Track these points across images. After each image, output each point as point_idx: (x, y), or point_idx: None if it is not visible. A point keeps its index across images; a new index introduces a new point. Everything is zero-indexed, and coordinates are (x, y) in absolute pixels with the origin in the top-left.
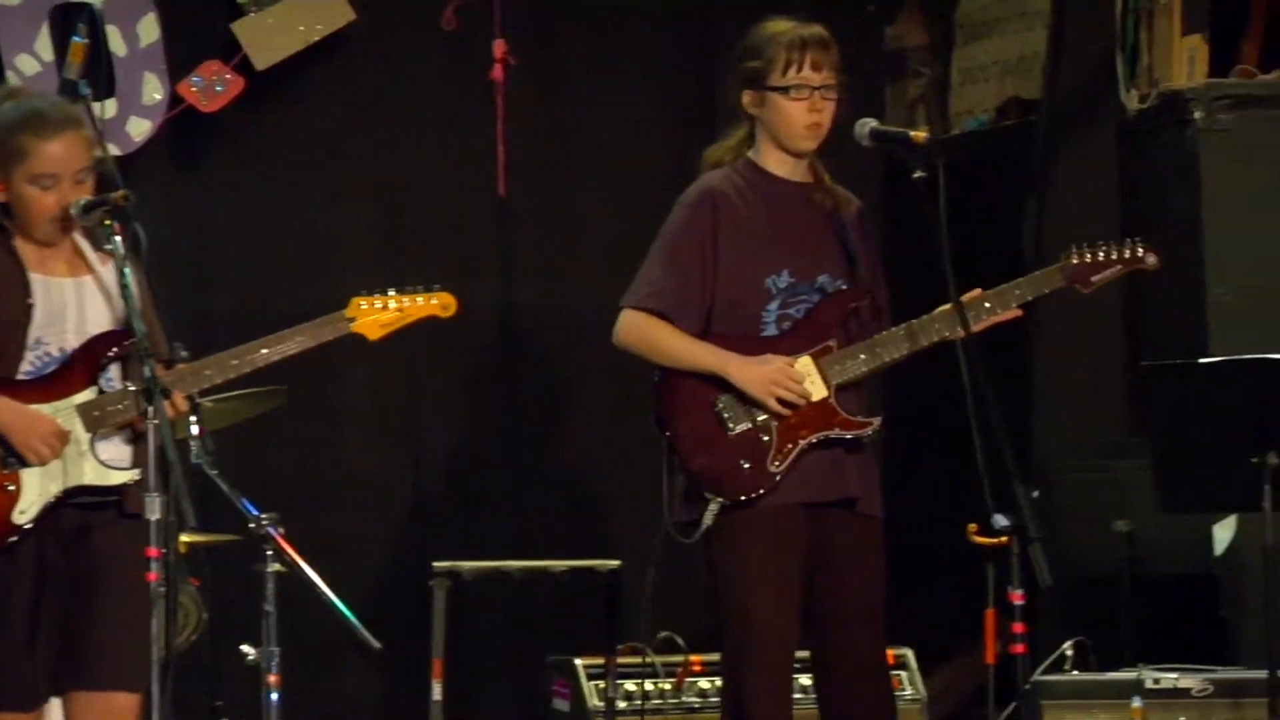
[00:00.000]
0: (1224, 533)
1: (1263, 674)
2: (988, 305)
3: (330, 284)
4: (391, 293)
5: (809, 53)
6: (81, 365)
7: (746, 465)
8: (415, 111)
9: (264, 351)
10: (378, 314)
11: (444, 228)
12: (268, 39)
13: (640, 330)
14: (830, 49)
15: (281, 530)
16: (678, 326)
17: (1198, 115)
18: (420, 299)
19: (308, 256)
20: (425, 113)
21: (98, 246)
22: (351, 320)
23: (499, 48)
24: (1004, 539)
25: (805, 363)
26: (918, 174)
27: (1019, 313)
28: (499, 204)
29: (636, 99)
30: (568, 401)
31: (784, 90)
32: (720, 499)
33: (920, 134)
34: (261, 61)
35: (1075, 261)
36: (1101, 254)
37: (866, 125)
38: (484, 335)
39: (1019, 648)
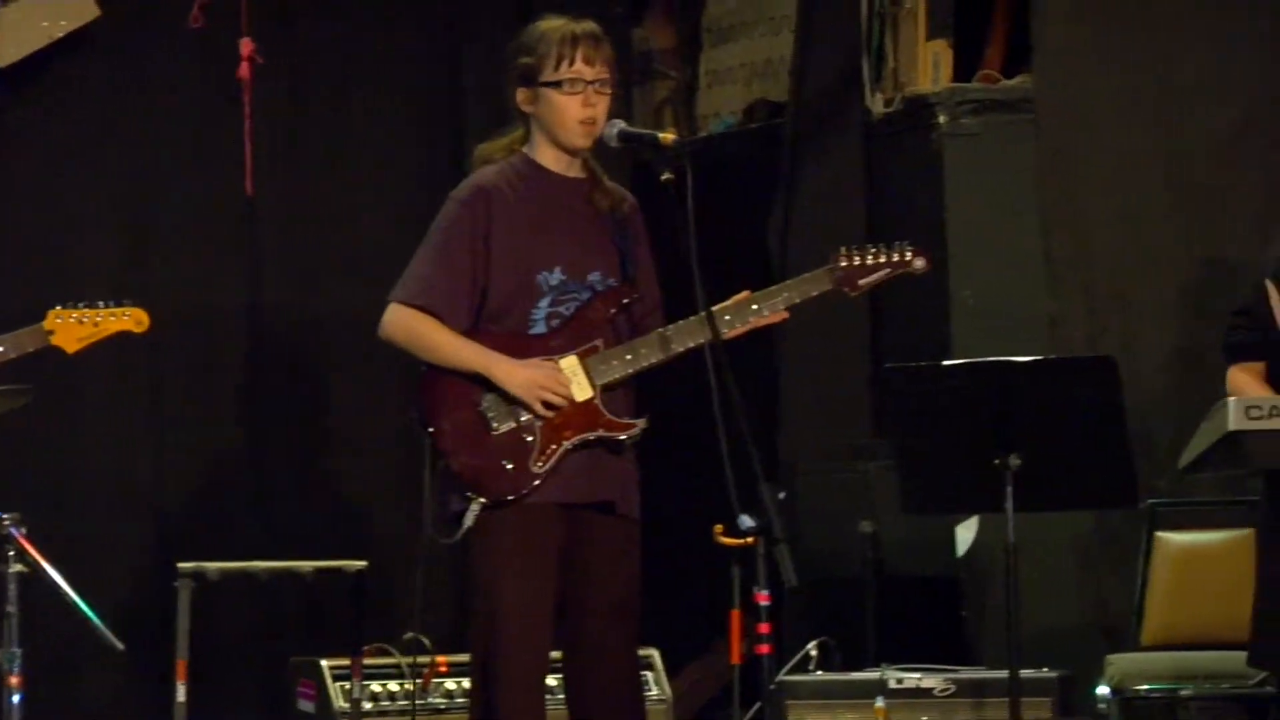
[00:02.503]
0: (966, 533)
1: (1004, 674)
2: (755, 307)
3: (75, 283)
4: (82, 306)
5: (581, 47)
6: None
7: (509, 465)
8: (161, 110)
9: None
10: (74, 327)
11: (191, 227)
12: (10, 35)
13: (407, 326)
14: (603, 44)
15: (23, 530)
16: (446, 323)
17: (942, 119)
18: (114, 314)
19: (52, 255)
20: (172, 111)
21: None
22: (50, 333)
23: (246, 46)
24: (750, 540)
25: (571, 362)
26: (665, 176)
27: (785, 315)
28: (247, 203)
29: (384, 97)
30: (316, 401)
31: (557, 85)
32: (481, 499)
33: (668, 136)
34: (4, 58)
35: (844, 264)
36: (870, 257)
37: (614, 127)
38: (231, 334)
39: (764, 648)
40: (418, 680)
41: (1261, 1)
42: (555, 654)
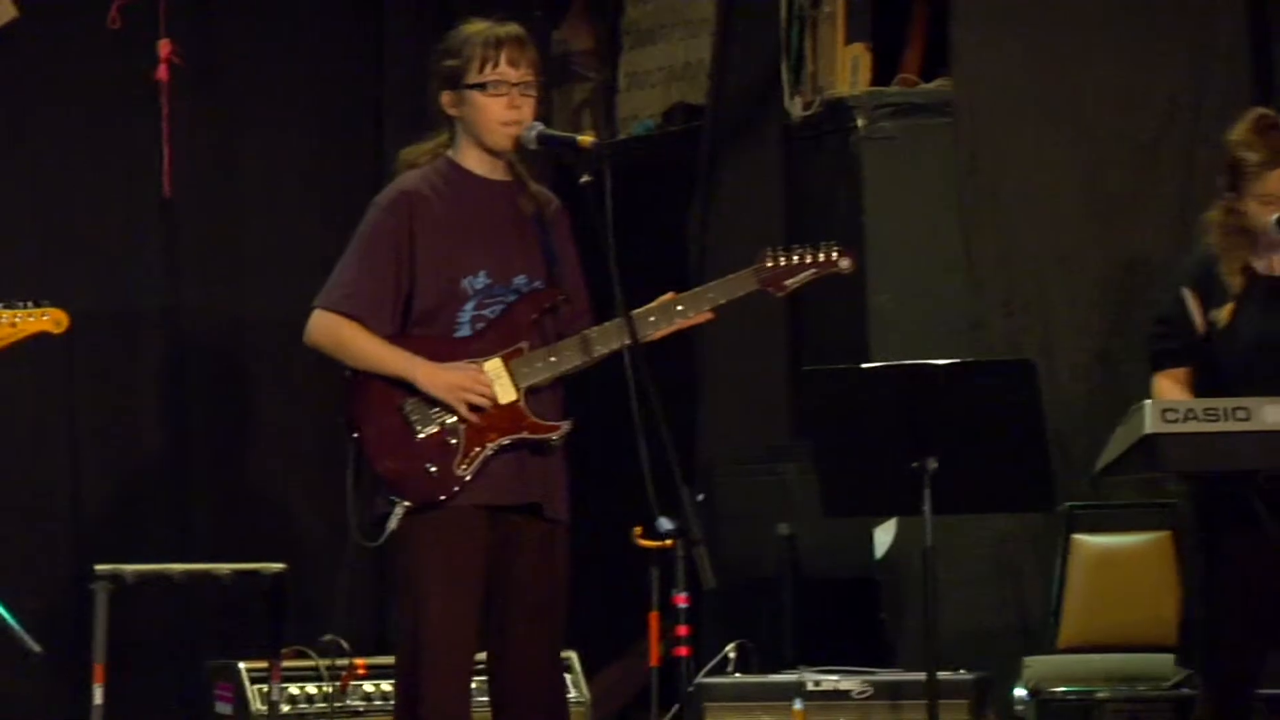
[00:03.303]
0: (884, 536)
1: (921, 676)
2: (680, 308)
3: None
4: (0, 306)
5: (505, 49)
6: None
7: (434, 469)
8: (80, 111)
9: None
10: None
11: (110, 228)
12: None
13: (331, 332)
14: (527, 47)
15: None
16: (370, 328)
17: (860, 122)
18: (32, 315)
19: None
20: (90, 112)
21: None
22: None
23: (164, 47)
24: (668, 542)
25: (495, 365)
26: (585, 178)
27: (711, 315)
28: (165, 204)
29: (303, 98)
30: (234, 403)
31: (481, 86)
32: (406, 502)
33: (587, 138)
34: None
35: (769, 265)
36: (795, 257)
37: (533, 129)
38: (149, 336)
39: (682, 650)
40: (336, 683)
41: (1178, 7)
42: (481, 655)
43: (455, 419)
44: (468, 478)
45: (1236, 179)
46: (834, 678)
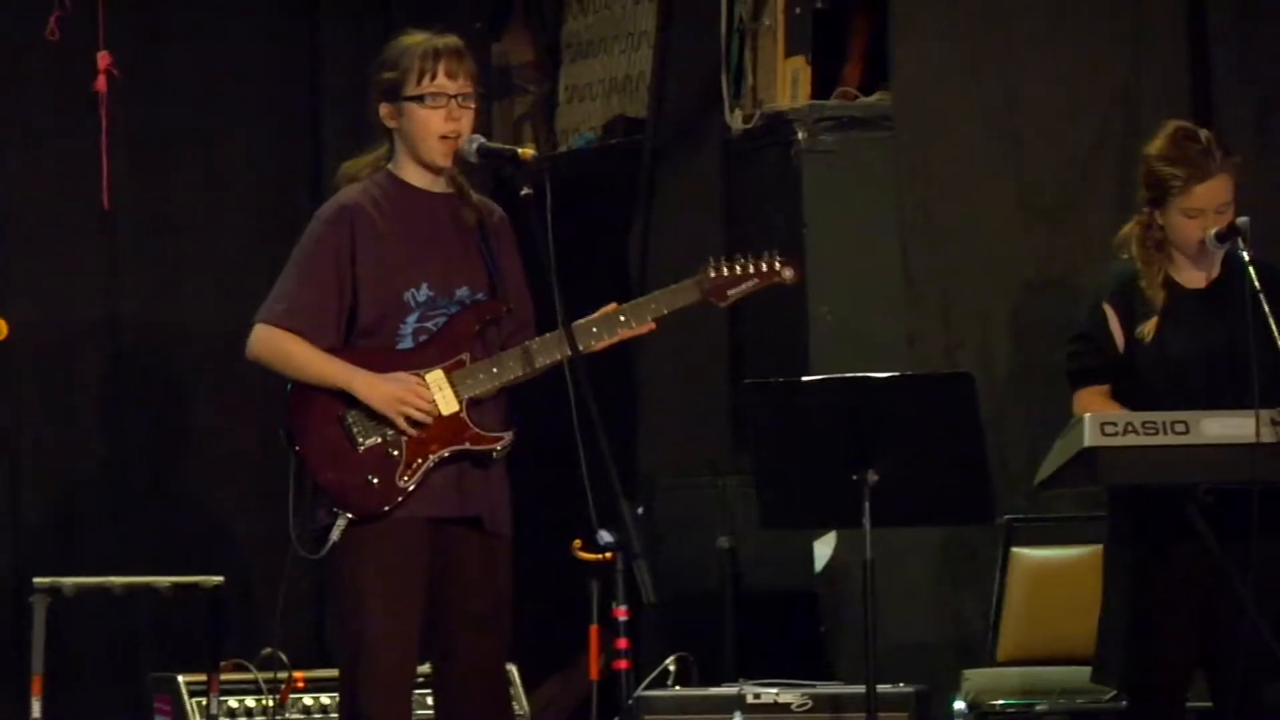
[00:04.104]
0: (824, 548)
1: (861, 689)
2: (622, 319)
3: None
4: None
5: (443, 61)
6: None
7: (375, 480)
8: (17, 123)
9: None
10: None
11: (48, 241)
12: None
13: (272, 345)
14: (465, 58)
15: None
16: (311, 341)
17: (800, 136)
18: None
19: None
20: (28, 124)
21: None
22: None
23: (103, 59)
24: (608, 555)
25: (437, 377)
26: (525, 191)
27: (652, 326)
28: (104, 216)
29: (242, 110)
30: (174, 416)
31: (419, 99)
32: (348, 514)
33: (527, 151)
34: None
35: (712, 275)
36: (738, 268)
37: (473, 142)
38: (88, 348)
39: (623, 663)
40: (275, 696)
41: (1115, 22)
42: (424, 668)
43: (397, 431)
44: (410, 489)
45: (1159, 193)
46: (774, 690)
